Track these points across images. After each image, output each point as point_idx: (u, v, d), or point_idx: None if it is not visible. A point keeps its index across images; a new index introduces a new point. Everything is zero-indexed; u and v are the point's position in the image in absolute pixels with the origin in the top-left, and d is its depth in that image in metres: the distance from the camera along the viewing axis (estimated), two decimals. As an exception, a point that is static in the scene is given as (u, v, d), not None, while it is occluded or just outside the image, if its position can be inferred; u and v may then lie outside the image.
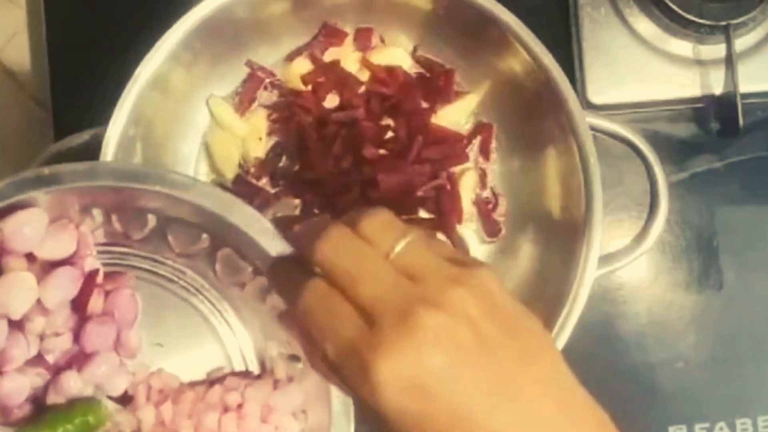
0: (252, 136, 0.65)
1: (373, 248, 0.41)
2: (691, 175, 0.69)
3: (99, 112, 0.58)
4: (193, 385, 0.54)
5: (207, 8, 0.58)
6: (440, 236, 0.65)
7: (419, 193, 0.64)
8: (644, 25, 0.68)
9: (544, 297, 0.60)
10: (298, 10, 0.63)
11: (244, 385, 0.53)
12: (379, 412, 0.39)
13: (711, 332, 0.68)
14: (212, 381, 0.54)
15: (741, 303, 0.68)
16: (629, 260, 0.59)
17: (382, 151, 0.63)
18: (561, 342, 0.56)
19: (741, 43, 0.67)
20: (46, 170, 0.47)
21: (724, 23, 0.65)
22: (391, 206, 0.62)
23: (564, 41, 0.68)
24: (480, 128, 0.66)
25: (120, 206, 0.51)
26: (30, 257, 0.49)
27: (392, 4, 0.63)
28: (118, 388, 0.51)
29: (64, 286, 0.49)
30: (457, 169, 0.65)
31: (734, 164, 0.69)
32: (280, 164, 0.65)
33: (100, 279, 0.51)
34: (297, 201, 0.65)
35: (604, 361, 0.67)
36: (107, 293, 0.52)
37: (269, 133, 0.65)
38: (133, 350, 0.52)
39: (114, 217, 0.52)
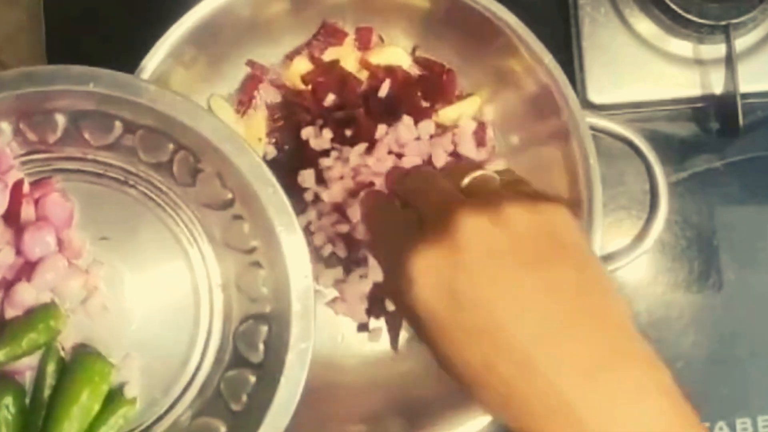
0: (252, 136, 0.65)
1: (448, 179, 0.43)
2: (691, 174, 0.69)
3: (99, 112, 0.58)
4: None
5: (207, 8, 0.58)
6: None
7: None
8: (644, 25, 0.68)
9: (544, 297, 0.60)
10: (298, 9, 0.63)
11: None
12: (412, 313, 0.40)
13: (711, 332, 0.68)
14: None
15: (741, 303, 0.68)
16: (629, 260, 0.59)
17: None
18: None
19: (741, 43, 0.67)
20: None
21: (724, 23, 0.65)
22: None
23: (564, 41, 0.68)
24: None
25: (25, 113, 0.50)
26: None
27: (392, 4, 0.63)
28: (74, 289, 0.51)
29: (-9, 203, 0.49)
30: (457, 168, 0.65)
31: (734, 164, 0.69)
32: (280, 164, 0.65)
33: (26, 188, 0.51)
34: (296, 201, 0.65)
35: (604, 360, 0.67)
36: (37, 200, 0.52)
37: (269, 133, 0.65)
38: (77, 249, 0.52)
39: (23, 126, 0.51)
